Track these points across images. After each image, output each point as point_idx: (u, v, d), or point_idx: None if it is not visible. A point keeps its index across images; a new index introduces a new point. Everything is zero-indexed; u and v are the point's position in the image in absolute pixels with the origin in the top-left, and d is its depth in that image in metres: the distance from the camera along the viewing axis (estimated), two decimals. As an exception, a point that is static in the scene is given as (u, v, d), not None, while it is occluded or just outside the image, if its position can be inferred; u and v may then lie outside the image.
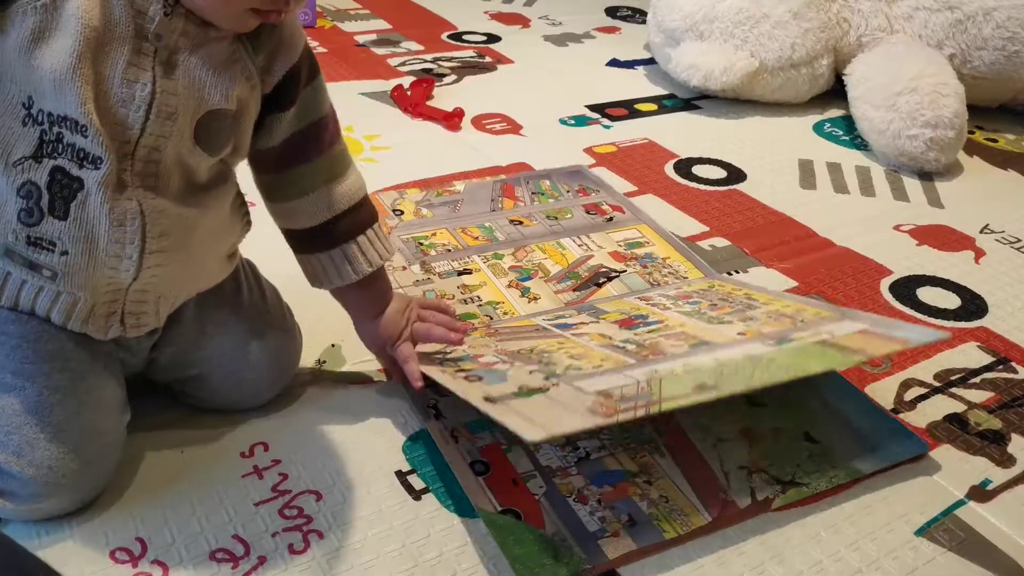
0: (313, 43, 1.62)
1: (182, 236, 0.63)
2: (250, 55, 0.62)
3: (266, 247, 0.74)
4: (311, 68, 0.66)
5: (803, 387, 0.78)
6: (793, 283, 1.00)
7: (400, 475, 0.70)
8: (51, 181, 0.57)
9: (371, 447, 0.72)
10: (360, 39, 1.68)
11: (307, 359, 0.80)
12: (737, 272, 1.01)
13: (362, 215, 0.72)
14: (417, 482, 0.69)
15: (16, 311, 0.62)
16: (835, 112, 1.51)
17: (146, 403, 0.72)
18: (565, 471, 0.72)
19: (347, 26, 1.75)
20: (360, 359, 0.81)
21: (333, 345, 0.83)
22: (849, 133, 1.44)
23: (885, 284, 1.02)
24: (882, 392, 0.83)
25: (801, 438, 0.77)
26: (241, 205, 0.71)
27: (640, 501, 0.69)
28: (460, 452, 0.72)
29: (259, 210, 0.72)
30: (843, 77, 1.47)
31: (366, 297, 0.75)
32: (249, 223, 0.72)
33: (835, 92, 1.53)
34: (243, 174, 0.69)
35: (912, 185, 1.28)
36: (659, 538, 0.66)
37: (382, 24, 1.78)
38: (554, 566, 0.63)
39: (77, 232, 0.59)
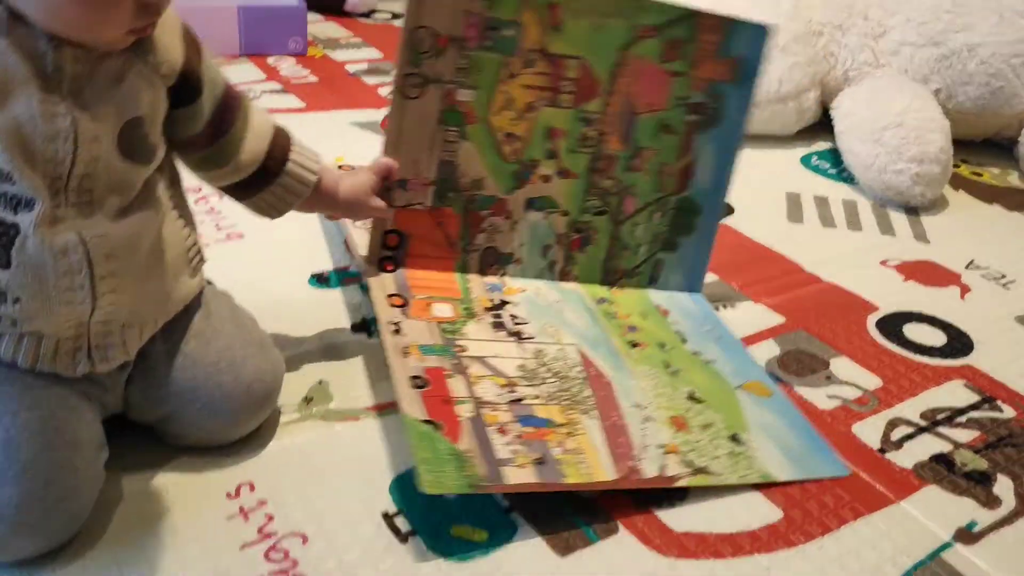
0: (303, 71, 1.64)
1: (129, 254, 0.63)
2: (141, 57, 0.62)
3: (243, 278, 0.74)
4: (195, 46, 0.67)
5: (747, 397, 0.85)
6: (781, 319, 1.01)
7: (387, 517, 0.69)
8: None
9: (358, 488, 0.72)
10: (351, 68, 1.69)
11: (295, 396, 0.80)
12: (725, 307, 1.02)
13: (281, 139, 0.76)
14: (403, 524, 0.69)
15: None
16: (822, 145, 1.53)
17: (128, 443, 0.71)
18: (495, 405, 0.76)
19: (338, 55, 1.76)
20: (348, 395, 0.81)
21: (320, 382, 0.83)
22: (836, 166, 1.45)
23: (872, 320, 1.03)
24: (868, 431, 0.84)
25: (726, 438, 0.79)
26: (182, 209, 0.71)
27: (554, 447, 0.73)
28: (404, 365, 0.77)
29: (240, 244, 0.72)
30: (830, 111, 1.49)
31: (323, 187, 0.80)
32: (194, 227, 0.73)
33: (822, 125, 1.55)
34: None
35: (898, 219, 1.29)
36: (559, 479, 0.70)
37: (374, 53, 1.79)
38: (455, 475, 0.67)
39: (23, 277, 0.58)
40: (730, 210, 1.26)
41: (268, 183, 0.76)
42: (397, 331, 0.82)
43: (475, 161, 0.91)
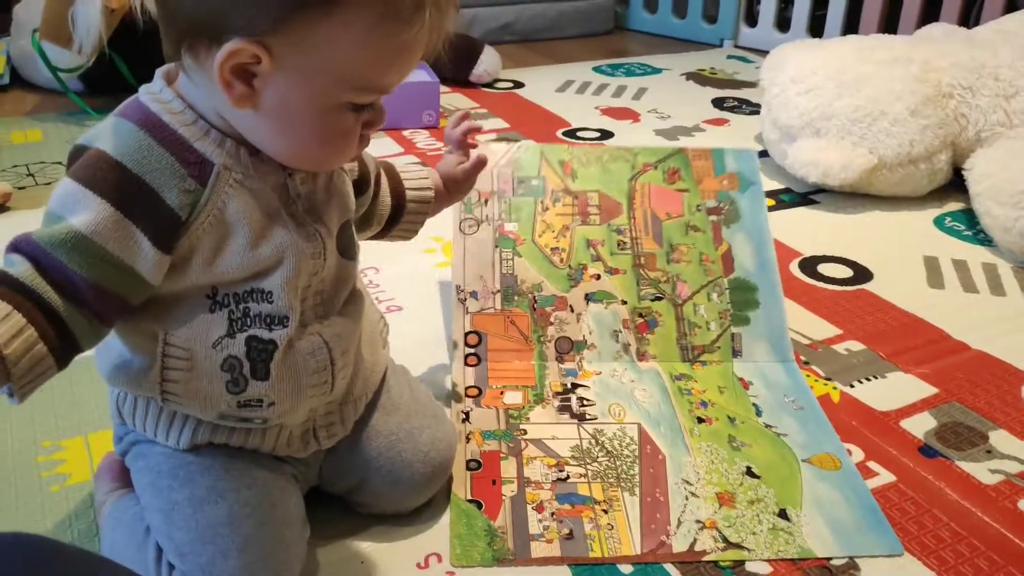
0: (438, 143, 1.71)
1: (353, 342, 0.69)
2: (341, 169, 0.69)
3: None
4: None
5: (810, 471, 0.86)
6: (933, 389, 1.00)
7: (566, 584, 0.73)
8: (248, 350, 0.63)
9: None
10: (481, 138, 1.76)
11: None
12: (875, 378, 1.02)
13: (392, 174, 0.83)
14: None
15: None
16: (954, 205, 1.51)
17: (322, 514, 0.76)
18: (540, 484, 0.82)
19: (467, 126, 1.83)
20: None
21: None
22: (971, 228, 1.43)
23: (1026, 390, 1.02)
24: None
25: (774, 513, 0.80)
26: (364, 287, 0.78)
27: (588, 523, 0.78)
28: (463, 451, 0.86)
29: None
30: (963, 172, 1.47)
31: (437, 194, 0.86)
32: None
33: (953, 184, 1.53)
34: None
35: (1042, 283, 1.27)
36: (583, 554, 0.75)
37: (500, 123, 1.85)
38: (484, 549, 0.75)
39: (280, 385, 0.64)
40: (869, 275, 1.27)
41: (400, 217, 0.83)
42: (466, 419, 0.90)
43: (531, 271, 1.06)
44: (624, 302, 1.05)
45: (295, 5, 0.54)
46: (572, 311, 1.04)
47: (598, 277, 1.06)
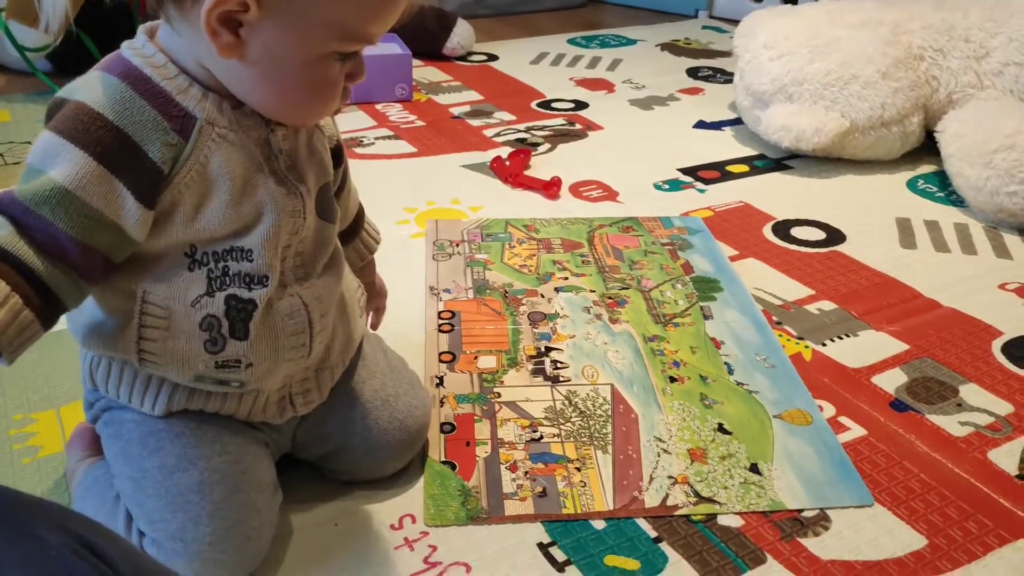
0: (411, 117, 1.71)
1: (331, 306, 0.69)
2: (318, 128, 0.69)
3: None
4: (334, 121, 0.74)
5: (781, 426, 0.87)
6: (904, 346, 1.01)
7: (542, 547, 0.73)
8: (227, 309, 0.62)
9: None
10: (455, 111, 1.75)
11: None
12: (847, 336, 1.03)
13: (361, 212, 0.83)
14: (559, 554, 0.72)
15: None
16: (927, 168, 1.51)
17: (295, 479, 0.76)
18: (513, 444, 0.83)
19: (441, 99, 1.82)
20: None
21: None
22: (943, 189, 1.44)
23: (997, 345, 1.02)
24: (1004, 457, 0.84)
25: (745, 468, 0.81)
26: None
27: (561, 481, 0.79)
28: (437, 415, 0.86)
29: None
30: (934, 134, 1.47)
31: (368, 267, 0.86)
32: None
33: (925, 147, 1.54)
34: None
35: (1013, 242, 1.28)
36: (557, 511, 0.76)
37: (474, 95, 1.84)
38: (457, 508, 0.75)
39: (259, 345, 0.64)
40: (842, 237, 1.28)
41: (350, 240, 0.82)
42: (440, 384, 0.91)
43: (501, 278, 1.12)
44: (593, 291, 1.10)
45: None
46: (543, 297, 1.08)
47: (566, 279, 1.12)
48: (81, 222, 0.56)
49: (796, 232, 1.29)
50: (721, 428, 0.86)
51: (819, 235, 1.28)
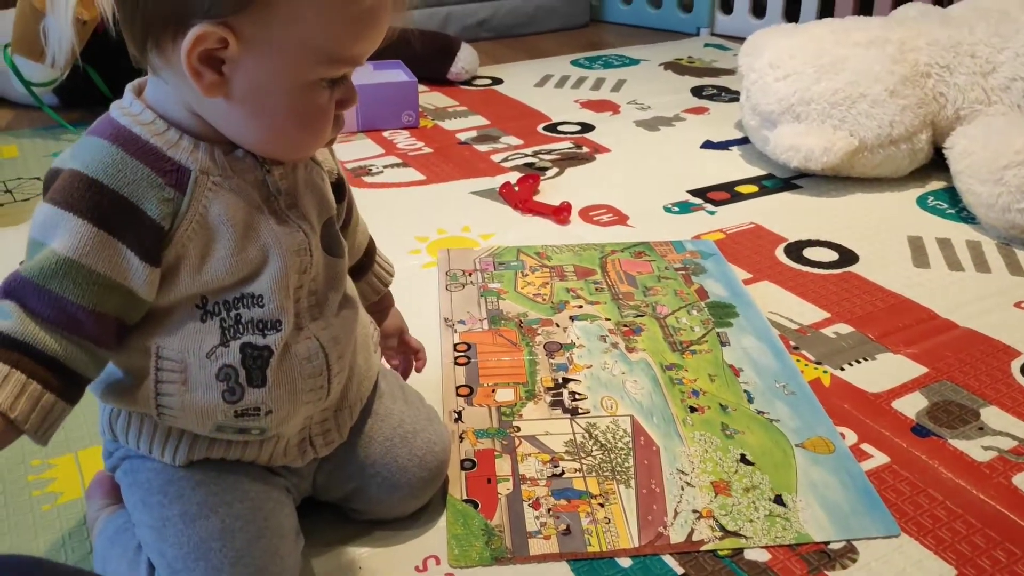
0: (418, 143, 1.71)
1: (348, 346, 0.68)
2: (316, 163, 0.69)
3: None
4: (333, 155, 0.73)
5: (804, 456, 0.86)
6: (923, 369, 1.00)
7: (574, 581, 0.72)
8: (243, 357, 0.62)
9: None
10: (462, 136, 1.75)
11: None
12: (865, 360, 1.03)
13: (371, 245, 0.83)
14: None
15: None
16: (936, 184, 1.51)
17: (317, 522, 0.76)
18: (535, 480, 0.82)
19: (448, 124, 1.82)
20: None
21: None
22: (954, 206, 1.43)
23: (1016, 366, 1.01)
24: (1029, 481, 0.83)
25: (770, 499, 0.81)
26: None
27: (585, 518, 0.78)
28: (457, 450, 0.86)
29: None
30: (943, 150, 1.47)
31: (385, 299, 0.86)
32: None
33: (934, 164, 1.53)
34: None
35: (1027, 258, 1.28)
36: (582, 549, 0.75)
37: (480, 120, 1.84)
38: (481, 548, 0.75)
39: (277, 391, 0.63)
40: (855, 257, 1.27)
41: (362, 275, 0.82)
42: (458, 419, 0.90)
43: (516, 307, 1.12)
44: (608, 319, 1.09)
45: None
46: (558, 326, 1.08)
47: (580, 307, 1.12)
48: (90, 289, 0.56)
49: (809, 253, 1.28)
50: (744, 459, 0.85)
51: (832, 256, 1.28)
